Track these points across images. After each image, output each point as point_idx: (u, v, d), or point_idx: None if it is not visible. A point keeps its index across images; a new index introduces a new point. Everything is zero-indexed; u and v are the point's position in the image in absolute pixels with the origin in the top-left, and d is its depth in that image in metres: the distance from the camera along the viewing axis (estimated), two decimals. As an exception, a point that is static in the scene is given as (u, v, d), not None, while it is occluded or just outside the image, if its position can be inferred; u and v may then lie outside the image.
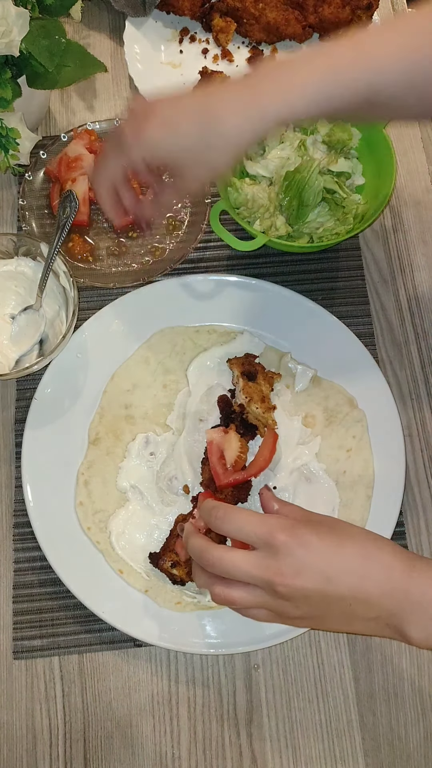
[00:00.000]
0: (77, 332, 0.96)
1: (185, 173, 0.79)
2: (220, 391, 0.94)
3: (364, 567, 0.65)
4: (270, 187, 1.00)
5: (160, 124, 0.76)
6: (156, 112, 0.77)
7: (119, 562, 0.87)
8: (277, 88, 0.73)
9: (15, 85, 0.96)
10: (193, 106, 0.76)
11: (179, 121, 0.75)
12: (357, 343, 0.96)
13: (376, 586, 0.65)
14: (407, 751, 0.84)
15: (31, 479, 0.90)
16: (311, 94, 0.72)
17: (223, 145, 0.75)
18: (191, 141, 0.75)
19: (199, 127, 0.74)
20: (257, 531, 0.66)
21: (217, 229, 0.94)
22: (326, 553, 0.65)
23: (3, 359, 0.94)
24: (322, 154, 0.99)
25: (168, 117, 0.76)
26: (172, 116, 0.76)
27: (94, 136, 1.07)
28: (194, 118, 0.75)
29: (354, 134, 1.00)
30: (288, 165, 0.97)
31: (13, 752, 0.84)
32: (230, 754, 0.84)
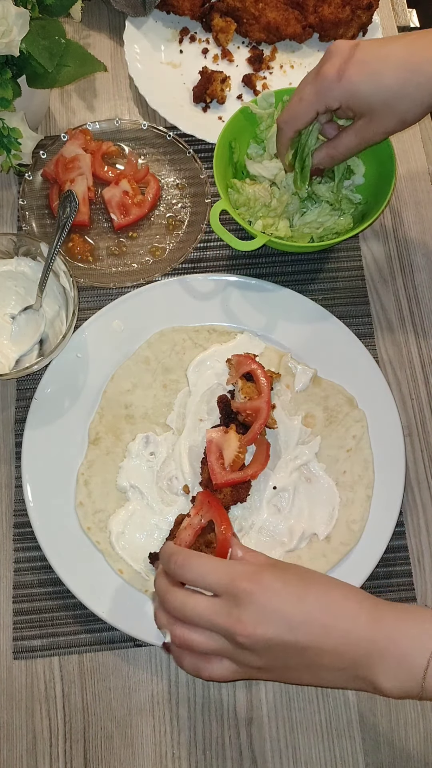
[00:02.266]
0: (77, 332, 0.96)
1: (375, 120, 0.81)
2: (220, 391, 0.94)
3: (329, 616, 0.63)
4: (272, 188, 1.00)
5: (364, 70, 0.78)
6: (359, 56, 0.79)
7: (119, 562, 0.87)
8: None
9: (15, 85, 0.96)
10: (397, 56, 0.78)
11: (382, 70, 0.78)
12: (357, 343, 0.96)
13: (341, 636, 0.62)
14: (407, 751, 0.84)
15: (31, 479, 0.90)
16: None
17: (419, 96, 0.78)
18: (391, 91, 0.78)
19: (402, 79, 0.77)
20: (220, 579, 0.64)
21: (217, 229, 0.94)
22: (289, 601, 0.63)
23: (3, 359, 0.94)
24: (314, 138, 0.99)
25: (372, 64, 0.78)
26: (377, 63, 0.78)
27: (89, 136, 1.08)
28: (397, 71, 0.77)
29: None
30: None
31: (13, 752, 0.84)
32: (230, 754, 0.84)
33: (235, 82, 1.17)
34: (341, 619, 0.63)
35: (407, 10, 1.24)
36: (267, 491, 0.90)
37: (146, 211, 1.06)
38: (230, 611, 0.63)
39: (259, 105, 1.00)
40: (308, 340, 0.97)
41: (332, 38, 1.17)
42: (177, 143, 1.08)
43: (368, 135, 0.84)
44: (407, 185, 1.11)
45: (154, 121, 1.13)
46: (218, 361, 0.96)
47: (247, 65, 1.18)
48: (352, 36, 1.16)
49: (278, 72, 1.18)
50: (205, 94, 1.13)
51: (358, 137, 0.85)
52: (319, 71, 0.81)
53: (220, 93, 1.13)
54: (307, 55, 1.19)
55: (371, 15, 1.15)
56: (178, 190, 1.08)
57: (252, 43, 1.19)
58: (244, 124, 1.01)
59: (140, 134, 1.10)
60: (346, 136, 0.86)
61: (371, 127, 0.83)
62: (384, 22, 1.19)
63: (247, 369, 0.91)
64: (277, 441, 0.92)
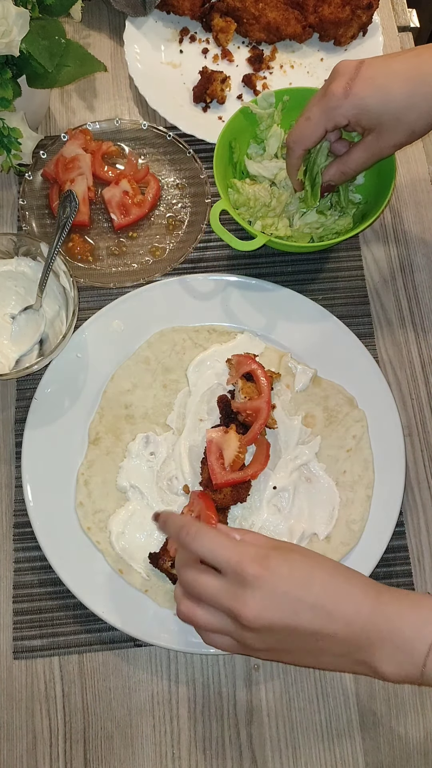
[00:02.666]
0: (77, 332, 0.96)
1: (383, 134, 0.82)
2: (220, 391, 0.94)
3: (333, 602, 0.63)
4: (272, 188, 1.00)
5: (371, 84, 0.80)
6: (365, 72, 0.80)
7: (119, 562, 0.87)
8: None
9: (15, 85, 0.96)
10: (403, 69, 0.80)
11: (390, 84, 0.79)
12: (357, 343, 0.96)
13: (344, 622, 0.63)
14: (407, 751, 0.84)
15: (31, 479, 0.90)
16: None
17: (427, 107, 0.79)
18: (399, 104, 0.79)
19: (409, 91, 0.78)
20: (228, 558, 0.64)
21: (217, 229, 0.94)
22: (296, 587, 0.63)
23: (3, 359, 0.94)
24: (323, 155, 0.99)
25: (378, 78, 0.80)
26: (383, 78, 0.80)
27: (89, 136, 1.08)
28: (405, 84, 0.79)
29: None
30: None
31: (13, 752, 0.84)
32: (230, 754, 0.84)
33: (235, 82, 1.17)
34: (345, 605, 0.64)
35: (407, 10, 1.24)
36: (267, 491, 0.90)
37: (146, 211, 1.06)
38: (236, 593, 0.63)
39: (259, 105, 1.00)
40: (308, 340, 0.97)
41: (332, 38, 1.17)
42: (177, 143, 1.08)
43: (378, 149, 0.85)
44: (407, 185, 1.11)
45: (154, 121, 1.13)
46: (218, 361, 0.96)
47: (247, 65, 1.18)
48: (352, 36, 1.16)
49: (278, 72, 1.18)
50: (205, 94, 1.13)
51: (369, 152, 0.86)
52: (327, 90, 0.82)
53: (220, 93, 1.13)
54: (307, 55, 1.19)
55: (371, 15, 1.15)
56: (178, 190, 1.08)
57: (252, 43, 1.19)
58: (244, 124, 1.01)
59: (140, 134, 1.10)
60: (356, 152, 0.87)
61: (381, 141, 0.84)
62: (384, 22, 1.19)
63: (247, 369, 0.91)
64: (277, 441, 0.92)
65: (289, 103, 1.01)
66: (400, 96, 0.79)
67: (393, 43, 1.20)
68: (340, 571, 0.66)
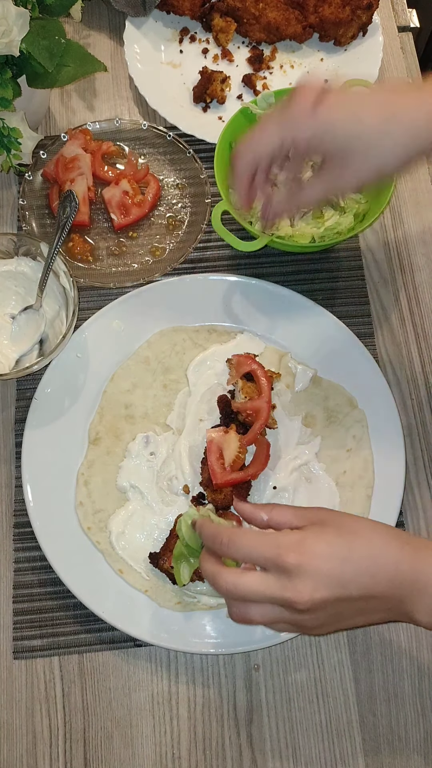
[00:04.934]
0: (77, 332, 0.96)
1: (349, 165, 0.72)
2: (220, 391, 0.94)
3: (375, 566, 0.66)
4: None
5: (342, 105, 0.71)
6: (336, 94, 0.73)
7: (119, 562, 0.87)
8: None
9: (15, 85, 0.96)
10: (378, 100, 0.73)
11: (363, 110, 0.71)
12: (357, 343, 0.96)
13: (387, 581, 0.66)
14: (407, 751, 0.84)
15: (31, 479, 0.90)
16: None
17: (402, 142, 0.70)
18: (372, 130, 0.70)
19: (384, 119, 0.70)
20: (266, 554, 0.66)
21: (219, 230, 0.94)
22: (337, 561, 0.65)
23: (3, 359, 0.94)
24: None
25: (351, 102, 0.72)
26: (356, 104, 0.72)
27: (89, 136, 1.08)
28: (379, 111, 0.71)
29: None
30: None
31: (13, 752, 0.84)
32: (230, 754, 0.84)
33: (235, 82, 1.17)
34: (386, 566, 0.66)
35: (407, 10, 1.24)
36: (267, 491, 0.90)
37: (146, 211, 1.06)
38: (284, 584, 0.65)
39: (259, 105, 1.00)
40: (308, 340, 0.97)
41: (332, 38, 1.17)
42: (177, 143, 1.08)
43: (339, 183, 0.75)
44: (407, 185, 1.11)
45: (154, 121, 1.13)
46: (218, 361, 0.96)
47: (247, 65, 1.18)
48: (352, 36, 1.16)
49: (278, 72, 1.18)
50: (205, 94, 1.13)
51: (328, 185, 0.76)
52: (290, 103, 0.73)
53: (220, 93, 1.13)
54: (307, 55, 1.19)
55: (371, 15, 1.15)
56: (178, 190, 1.08)
57: (252, 43, 1.19)
58: (245, 124, 1.01)
59: (140, 134, 1.10)
60: (311, 187, 0.77)
61: (345, 173, 0.73)
62: (384, 22, 1.19)
63: (247, 369, 0.91)
64: (277, 441, 0.92)
65: None
66: (373, 121, 0.70)
67: (393, 43, 1.20)
68: (375, 533, 0.68)
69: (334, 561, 0.65)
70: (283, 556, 0.65)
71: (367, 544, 0.67)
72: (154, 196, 1.06)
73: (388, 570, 0.66)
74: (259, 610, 0.67)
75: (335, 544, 0.66)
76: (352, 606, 0.67)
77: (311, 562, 0.65)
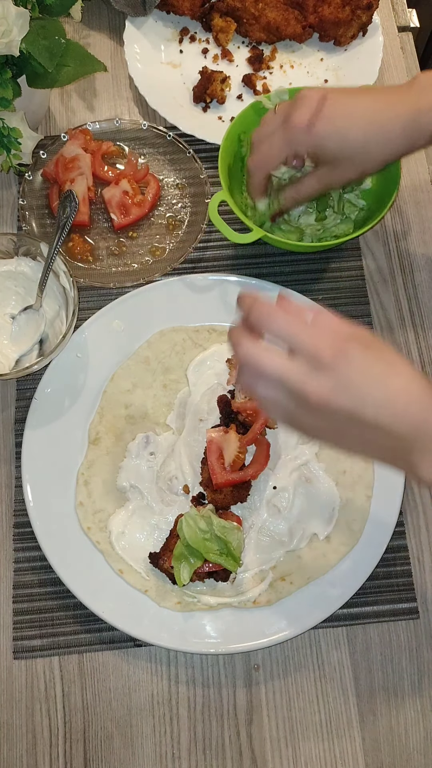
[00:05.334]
0: (77, 332, 0.96)
1: (336, 168, 0.88)
2: (220, 391, 0.94)
3: (404, 404, 0.64)
4: None
5: (331, 126, 0.85)
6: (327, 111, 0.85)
7: (119, 562, 0.87)
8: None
9: (15, 85, 0.96)
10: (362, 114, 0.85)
11: (349, 127, 0.85)
12: (357, 343, 0.96)
13: (407, 424, 0.64)
14: (407, 751, 0.84)
15: (31, 479, 0.90)
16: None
17: (380, 153, 0.86)
18: (355, 148, 0.85)
19: (365, 138, 0.84)
20: (306, 340, 0.65)
21: (215, 219, 0.94)
22: (372, 381, 0.64)
23: (3, 359, 0.94)
24: None
25: (339, 119, 0.85)
26: (343, 120, 0.85)
27: (89, 136, 1.08)
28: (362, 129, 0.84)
29: None
30: None
31: (13, 752, 0.84)
32: (230, 754, 0.84)
33: (235, 82, 1.17)
34: (415, 408, 0.64)
35: (407, 10, 1.24)
36: (267, 491, 0.90)
37: (146, 211, 1.06)
38: (308, 373, 0.64)
39: (272, 101, 1.00)
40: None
41: (332, 38, 1.17)
42: (177, 143, 1.08)
43: (329, 181, 0.91)
44: (407, 185, 1.11)
45: (154, 121, 1.13)
46: (218, 361, 0.96)
47: (247, 65, 1.18)
48: (352, 36, 1.16)
49: (278, 72, 1.18)
50: (205, 94, 1.13)
51: (320, 183, 0.91)
52: (289, 119, 0.86)
53: (220, 93, 1.13)
54: (307, 55, 1.19)
55: (371, 15, 1.15)
56: (178, 190, 1.08)
57: (252, 43, 1.19)
58: (254, 119, 1.01)
59: (140, 134, 1.10)
60: (308, 181, 0.92)
61: (333, 175, 0.89)
62: (384, 22, 1.19)
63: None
64: (277, 441, 0.92)
65: None
66: (356, 141, 0.85)
67: (393, 43, 1.20)
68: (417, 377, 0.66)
69: (369, 378, 0.64)
70: (321, 348, 0.64)
71: (408, 384, 0.65)
72: (154, 196, 1.06)
73: (414, 413, 0.64)
74: (268, 388, 0.66)
75: (376, 365, 0.64)
76: (360, 431, 0.65)
77: (347, 367, 0.64)
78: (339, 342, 0.65)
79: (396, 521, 0.89)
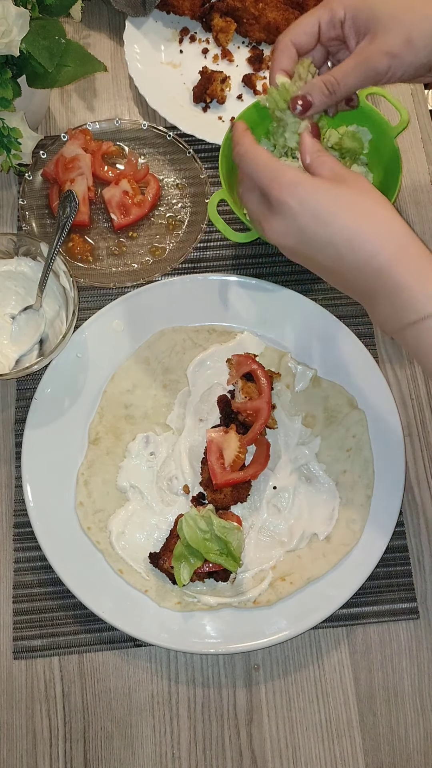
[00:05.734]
0: (77, 332, 0.96)
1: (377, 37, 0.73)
2: (220, 391, 0.94)
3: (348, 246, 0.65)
4: None
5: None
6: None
7: (119, 562, 0.87)
8: None
9: (15, 85, 0.96)
10: None
11: None
12: (357, 343, 0.96)
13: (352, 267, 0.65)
14: (407, 751, 0.84)
15: (31, 479, 0.90)
16: None
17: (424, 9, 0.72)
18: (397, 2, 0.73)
19: None
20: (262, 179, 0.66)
21: (214, 218, 0.94)
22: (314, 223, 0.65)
23: (3, 359, 0.94)
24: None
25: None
26: None
27: (89, 136, 1.08)
28: None
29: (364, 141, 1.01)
30: None
31: (13, 752, 0.84)
32: (230, 754, 0.84)
33: (235, 82, 1.17)
34: (360, 250, 0.64)
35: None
36: (267, 491, 0.90)
37: (146, 211, 1.06)
38: (264, 213, 0.66)
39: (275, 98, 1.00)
40: (308, 340, 0.97)
41: (332, 38, 1.17)
42: (177, 143, 1.08)
43: (369, 55, 0.73)
44: (407, 185, 1.11)
45: (154, 121, 1.13)
46: (218, 361, 0.96)
47: (247, 65, 1.18)
48: (352, 36, 1.16)
49: (278, 72, 1.18)
50: (205, 94, 1.13)
51: (359, 57, 0.74)
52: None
53: (220, 93, 1.13)
54: (307, 55, 1.19)
55: (371, 15, 1.15)
56: (178, 190, 1.08)
57: (252, 43, 1.19)
58: (256, 119, 1.01)
59: (140, 134, 1.10)
60: (346, 61, 0.76)
61: (373, 45, 0.73)
62: (384, 22, 1.19)
63: (247, 369, 0.91)
64: (277, 441, 0.92)
65: None
66: None
67: (393, 43, 1.20)
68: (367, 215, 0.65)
69: (311, 220, 0.64)
70: (272, 187, 0.65)
71: (352, 223, 0.64)
72: (154, 196, 1.06)
73: (359, 257, 0.63)
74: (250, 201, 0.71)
75: (323, 205, 0.64)
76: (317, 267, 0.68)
77: (291, 209, 0.64)
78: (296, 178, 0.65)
79: (396, 521, 0.89)
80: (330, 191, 0.66)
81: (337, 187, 0.66)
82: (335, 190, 0.66)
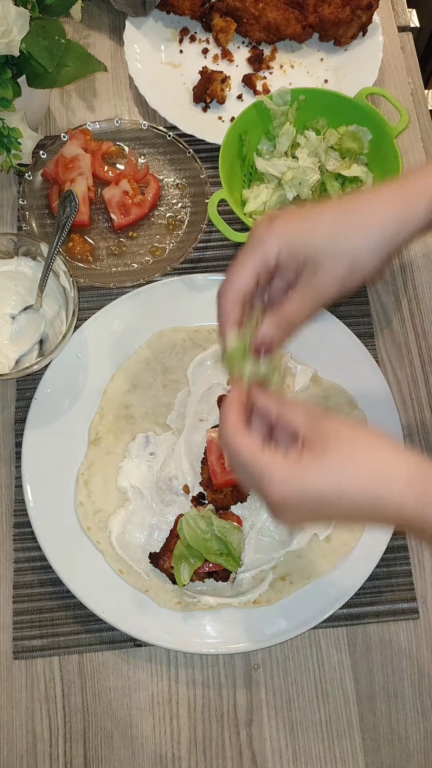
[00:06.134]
0: (77, 332, 0.96)
1: (320, 268, 0.68)
2: (220, 391, 0.94)
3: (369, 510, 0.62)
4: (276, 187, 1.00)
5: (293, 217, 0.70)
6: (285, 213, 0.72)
7: (119, 562, 0.87)
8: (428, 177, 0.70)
9: (15, 85, 0.96)
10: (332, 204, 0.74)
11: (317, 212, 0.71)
12: (357, 343, 0.96)
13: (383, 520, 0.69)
14: (407, 751, 0.84)
15: (31, 479, 0.90)
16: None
17: (362, 227, 0.68)
18: (329, 225, 0.69)
19: (339, 213, 0.69)
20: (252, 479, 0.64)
21: (214, 217, 0.95)
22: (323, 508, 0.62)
23: (3, 359, 0.94)
24: (335, 161, 1.00)
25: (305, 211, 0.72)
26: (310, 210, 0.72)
27: (89, 136, 1.08)
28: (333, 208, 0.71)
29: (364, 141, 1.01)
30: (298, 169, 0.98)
31: (13, 752, 0.84)
32: (230, 754, 0.84)
33: (235, 82, 1.17)
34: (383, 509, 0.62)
35: (407, 10, 1.24)
36: (267, 491, 0.90)
37: (146, 211, 1.06)
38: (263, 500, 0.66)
39: (274, 101, 1.01)
40: (308, 340, 0.97)
41: (332, 38, 1.17)
42: (177, 143, 1.08)
43: (317, 287, 0.69)
44: (407, 185, 1.11)
45: (154, 121, 1.13)
46: (218, 361, 0.95)
47: (247, 65, 1.18)
48: (352, 36, 1.16)
49: (278, 72, 1.18)
50: (205, 94, 1.13)
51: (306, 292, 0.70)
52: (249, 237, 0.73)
53: (220, 93, 1.13)
54: (307, 55, 1.19)
55: (371, 15, 1.15)
56: (178, 190, 1.08)
57: (252, 43, 1.19)
58: (256, 118, 1.01)
59: (140, 134, 1.10)
60: (292, 297, 0.71)
61: (319, 276, 0.69)
62: (384, 22, 1.19)
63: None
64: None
65: (305, 102, 1.01)
66: (329, 218, 0.69)
67: (393, 43, 1.20)
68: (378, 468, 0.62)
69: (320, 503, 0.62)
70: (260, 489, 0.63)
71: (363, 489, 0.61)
72: (154, 196, 1.06)
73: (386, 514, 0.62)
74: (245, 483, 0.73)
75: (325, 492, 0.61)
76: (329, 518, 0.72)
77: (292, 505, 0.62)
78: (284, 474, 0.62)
79: (396, 521, 0.89)
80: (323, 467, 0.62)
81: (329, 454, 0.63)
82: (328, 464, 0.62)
